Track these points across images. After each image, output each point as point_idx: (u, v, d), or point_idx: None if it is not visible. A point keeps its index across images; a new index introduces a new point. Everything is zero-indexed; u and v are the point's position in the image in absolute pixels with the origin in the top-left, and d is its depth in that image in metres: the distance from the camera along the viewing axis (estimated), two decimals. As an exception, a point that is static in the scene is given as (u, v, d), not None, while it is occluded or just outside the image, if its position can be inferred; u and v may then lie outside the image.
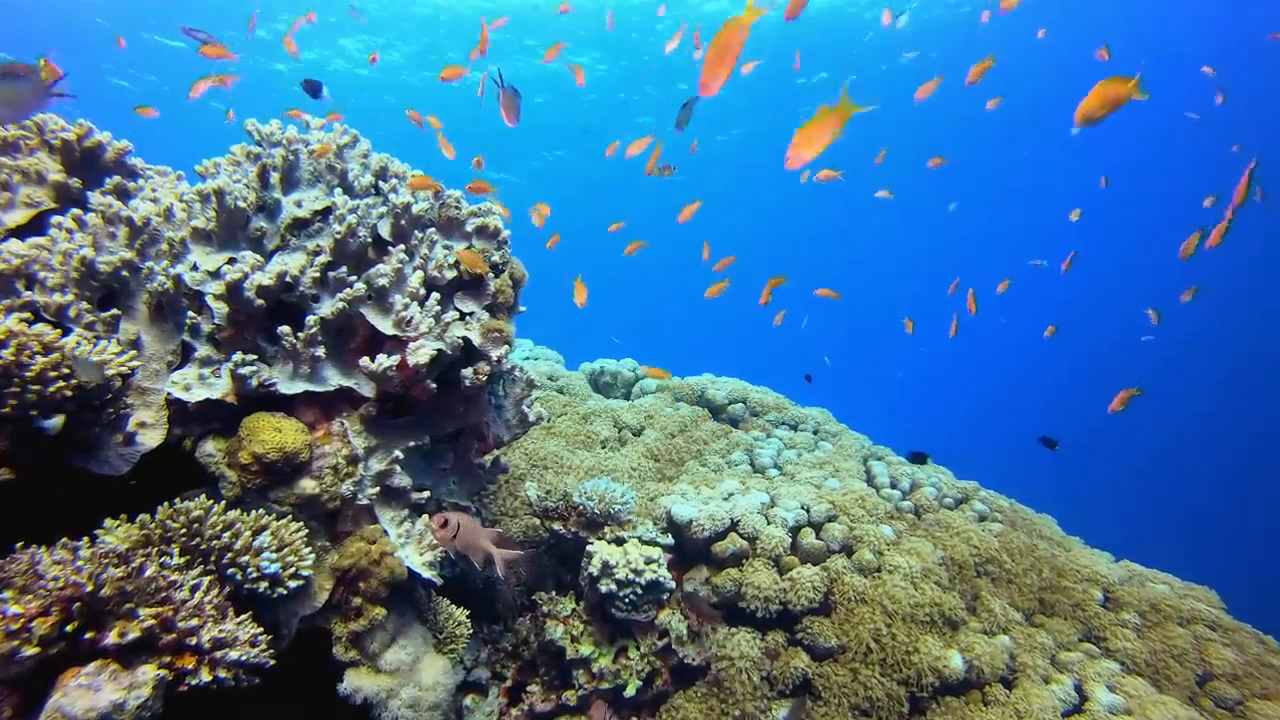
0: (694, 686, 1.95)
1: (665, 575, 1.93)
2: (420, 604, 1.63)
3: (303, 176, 1.54)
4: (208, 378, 1.38)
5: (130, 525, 1.28)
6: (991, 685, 1.99)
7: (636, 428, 2.87)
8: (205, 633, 1.23)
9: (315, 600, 1.44)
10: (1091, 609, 2.33)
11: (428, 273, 1.55)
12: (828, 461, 2.79)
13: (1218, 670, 2.17)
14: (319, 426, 1.49)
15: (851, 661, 1.96)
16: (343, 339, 1.52)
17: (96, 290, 1.30)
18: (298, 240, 1.49)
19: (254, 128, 1.52)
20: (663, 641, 1.94)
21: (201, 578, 1.27)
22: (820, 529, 2.23)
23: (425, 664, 1.56)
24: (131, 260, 1.32)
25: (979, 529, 2.49)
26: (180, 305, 1.37)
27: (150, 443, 1.33)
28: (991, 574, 2.36)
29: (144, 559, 1.23)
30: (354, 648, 1.49)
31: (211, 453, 1.40)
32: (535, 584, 2.12)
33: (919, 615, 2.04)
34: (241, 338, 1.41)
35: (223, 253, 1.42)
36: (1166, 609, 2.35)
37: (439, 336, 1.54)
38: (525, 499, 2.27)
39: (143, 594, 1.20)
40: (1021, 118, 11.03)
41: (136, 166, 1.51)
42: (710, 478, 2.61)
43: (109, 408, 1.27)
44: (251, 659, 1.26)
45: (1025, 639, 2.15)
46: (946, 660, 1.96)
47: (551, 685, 1.93)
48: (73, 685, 1.10)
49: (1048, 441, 2.99)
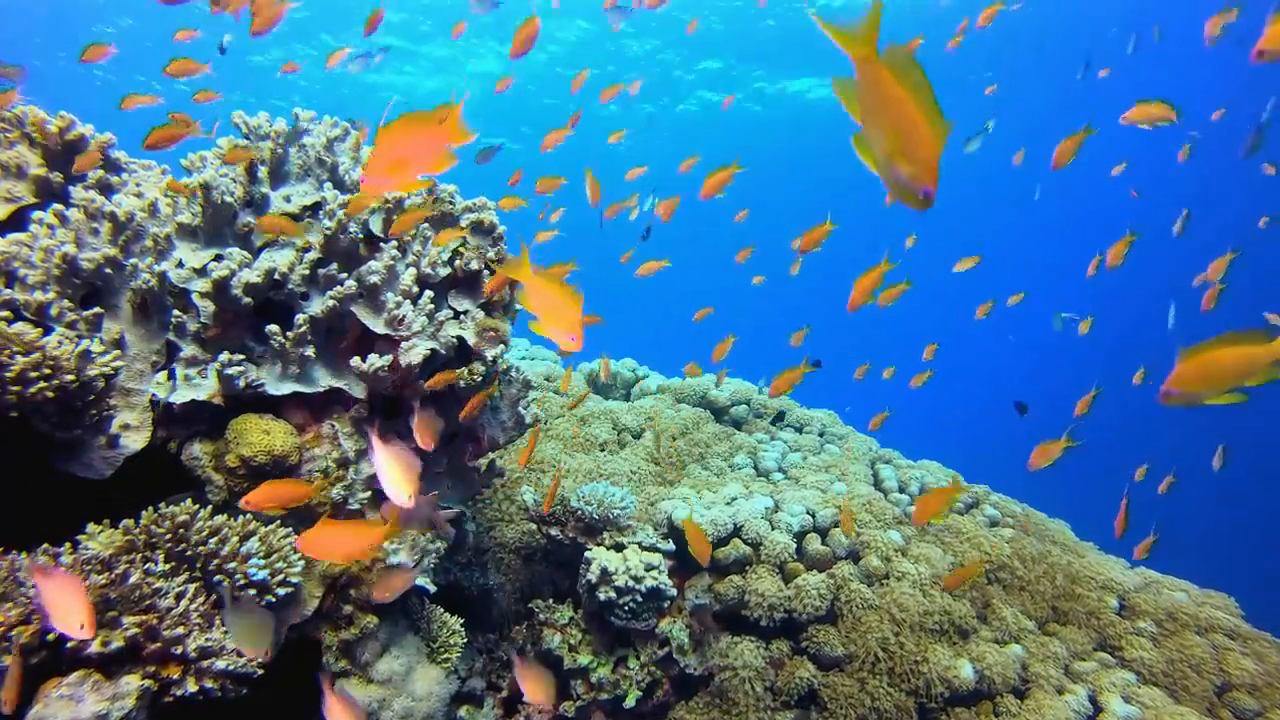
0: (696, 697, 1.89)
1: (666, 582, 1.88)
2: (413, 612, 1.59)
3: (292, 171, 1.50)
4: (193, 378, 1.34)
5: (114, 530, 1.24)
6: (1003, 696, 1.94)
7: (636, 430, 2.82)
8: (191, 641, 1.19)
9: (305, 608, 1.40)
10: (1106, 617, 2.27)
11: (421, 270, 1.51)
12: (834, 465, 2.74)
13: (1236, 680, 2.10)
14: (308, 428, 1.45)
15: (859, 671, 1.90)
16: (333, 338, 1.48)
17: (79, 288, 1.26)
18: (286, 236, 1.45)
19: (241, 120, 1.48)
20: (663, 650, 1.89)
21: (187, 585, 1.23)
22: (826, 534, 2.17)
23: (418, 674, 1.52)
24: (115, 257, 1.28)
25: (990, 535, 2.43)
26: (165, 303, 1.33)
27: (134, 445, 1.29)
28: (1003, 581, 2.30)
29: (128, 565, 1.19)
30: (345, 657, 1.45)
31: (198, 456, 1.36)
32: (532, 591, 2.07)
33: (928, 623, 1.99)
34: (228, 337, 1.37)
35: (209, 249, 1.39)
36: (1184, 617, 2.28)
37: (432, 336, 1.50)
38: (521, 504, 2.23)
39: (127, 601, 1.17)
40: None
41: (120, 160, 1.48)
42: (713, 481, 2.56)
43: (92, 409, 1.23)
44: (239, 668, 1.23)
45: (1038, 648, 2.09)
46: (956, 670, 1.91)
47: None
48: (54, 696, 1.07)
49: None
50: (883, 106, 0.55)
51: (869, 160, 0.59)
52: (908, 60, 0.54)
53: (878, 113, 0.56)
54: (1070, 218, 15.72)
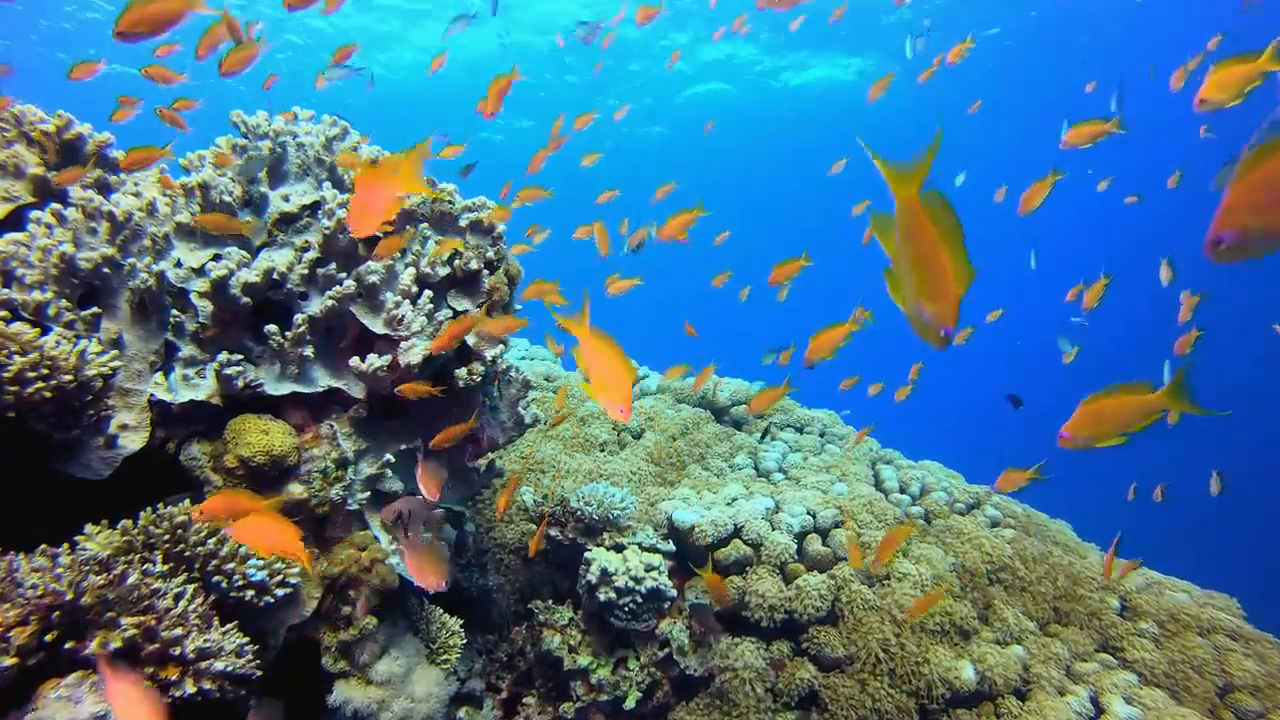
0: (696, 698, 1.89)
1: (666, 583, 1.87)
2: (412, 613, 1.58)
3: (291, 170, 1.50)
4: (192, 378, 1.34)
5: (112, 531, 1.23)
6: (1004, 697, 1.93)
7: (636, 430, 2.81)
8: (190, 643, 1.19)
9: (304, 609, 1.40)
10: (1108, 618, 2.26)
11: (420, 269, 1.50)
12: (835, 465, 2.73)
13: (1239, 682, 2.09)
14: (307, 429, 1.44)
15: (860, 672, 1.90)
16: (332, 338, 1.47)
17: (77, 288, 1.26)
18: (285, 236, 1.45)
19: (240, 119, 1.48)
20: (664, 652, 1.89)
21: (185, 585, 1.23)
22: (827, 535, 2.16)
23: (418, 675, 1.51)
24: (113, 257, 1.27)
25: (991, 535, 2.42)
26: (163, 303, 1.33)
27: (132, 445, 1.29)
28: (1004, 582, 2.29)
29: (126, 566, 1.19)
30: (344, 658, 1.45)
31: (196, 456, 1.35)
32: (531, 592, 2.07)
33: (929, 624, 1.98)
34: (227, 337, 1.37)
35: (207, 249, 1.38)
36: (1185, 618, 2.27)
37: (432, 336, 1.49)
38: (521, 504, 2.22)
39: (125, 602, 1.16)
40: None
41: (119, 160, 1.48)
42: (713, 482, 2.55)
43: (90, 409, 1.23)
44: (237, 670, 1.22)
45: (1039, 649, 2.09)
46: (958, 671, 1.90)
47: (548, 697, 1.88)
48: (52, 697, 1.07)
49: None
50: (916, 247, 0.58)
51: (896, 295, 0.63)
52: (944, 205, 0.57)
53: (911, 253, 0.59)
54: (1073, 220, 15.69)
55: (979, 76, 9.42)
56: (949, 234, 0.57)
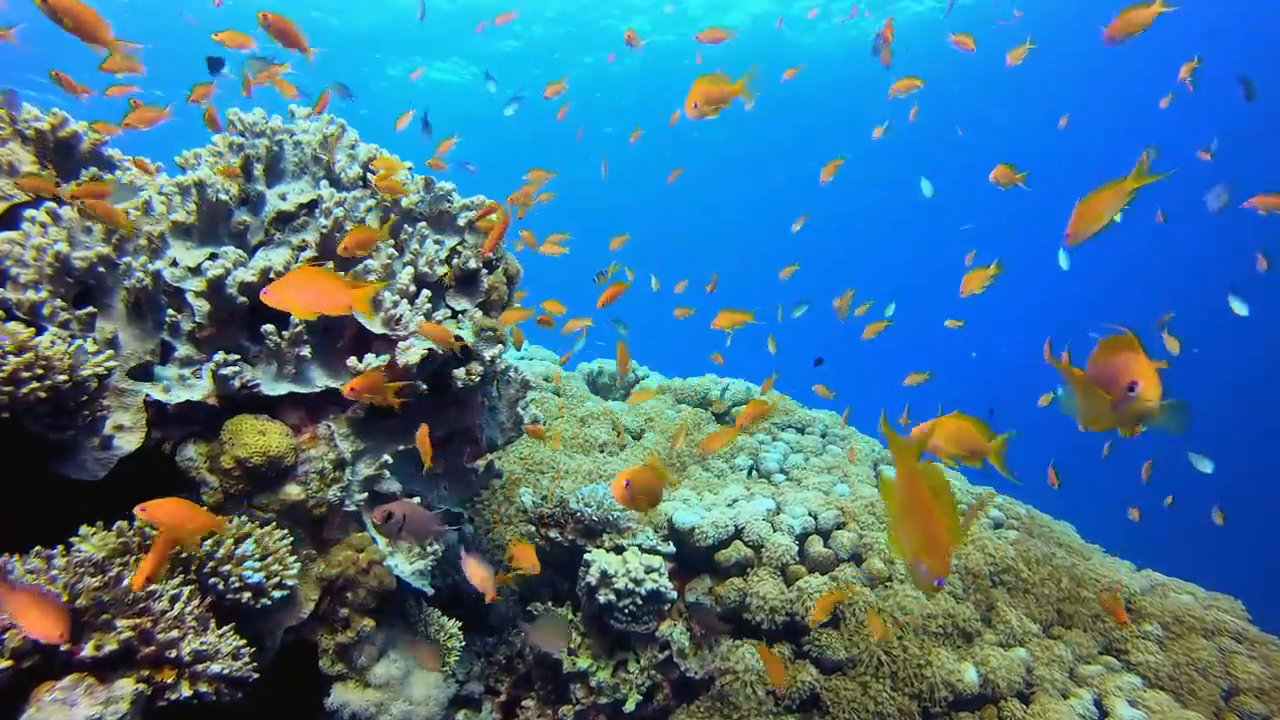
0: (697, 701, 1.87)
1: (666, 585, 1.86)
2: (410, 615, 1.57)
3: (288, 168, 1.48)
4: (188, 378, 1.32)
5: (107, 533, 1.22)
6: (1008, 700, 1.91)
7: (636, 431, 2.80)
8: (186, 645, 1.18)
9: (301, 611, 1.39)
10: (1112, 620, 2.24)
11: (418, 269, 1.49)
12: (836, 466, 2.72)
13: (1244, 684, 2.08)
14: (304, 429, 1.43)
15: (862, 675, 1.88)
16: (329, 338, 1.46)
17: (72, 287, 1.25)
18: (282, 235, 1.44)
19: (236, 117, 1.47)
20: (664, 654, 1.87)
21: (182, 588, 1.22)
22: (828, 537, 2.15)
23: (416, 678, 1.50)
24: (108, 256, 1.26)
25: (994, 537, 2.40)
26: (159, 303, 1.32)
27: (128, 446, 1.27)
28: (1007, 584, 2.27)
29: (122, 568, 1.18)
30: (341, 661, 1.43)
31: (192, 457, 1.34)
32: (531, 594, 2.05)
33: (931, 627, 1.97)
34: (223, 336, 1.36)
35: (204, 248, 1.37)
36: (1190, 620, 2.26)
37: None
38: (520, 505, 2.21)
39: (120, 604, 1.15)
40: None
41: (113, 158, 1.46)
42: (713, 483, 2.54)
43: (85, 410, 1.22)
44: (234, 672, 1.21)
45: (1043, 651, 2.07)
46: (960, 674, 1.89)
47: (548, 700, 1.87)
48: (47, 700, 1.06)
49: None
50: (914, 508, 0.69)
51: (896, 547, 0.74)
52: (939, 476, 0.69)
53: (909, 513, 0.70)
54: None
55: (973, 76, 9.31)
56: (941, 497, 0.68)
